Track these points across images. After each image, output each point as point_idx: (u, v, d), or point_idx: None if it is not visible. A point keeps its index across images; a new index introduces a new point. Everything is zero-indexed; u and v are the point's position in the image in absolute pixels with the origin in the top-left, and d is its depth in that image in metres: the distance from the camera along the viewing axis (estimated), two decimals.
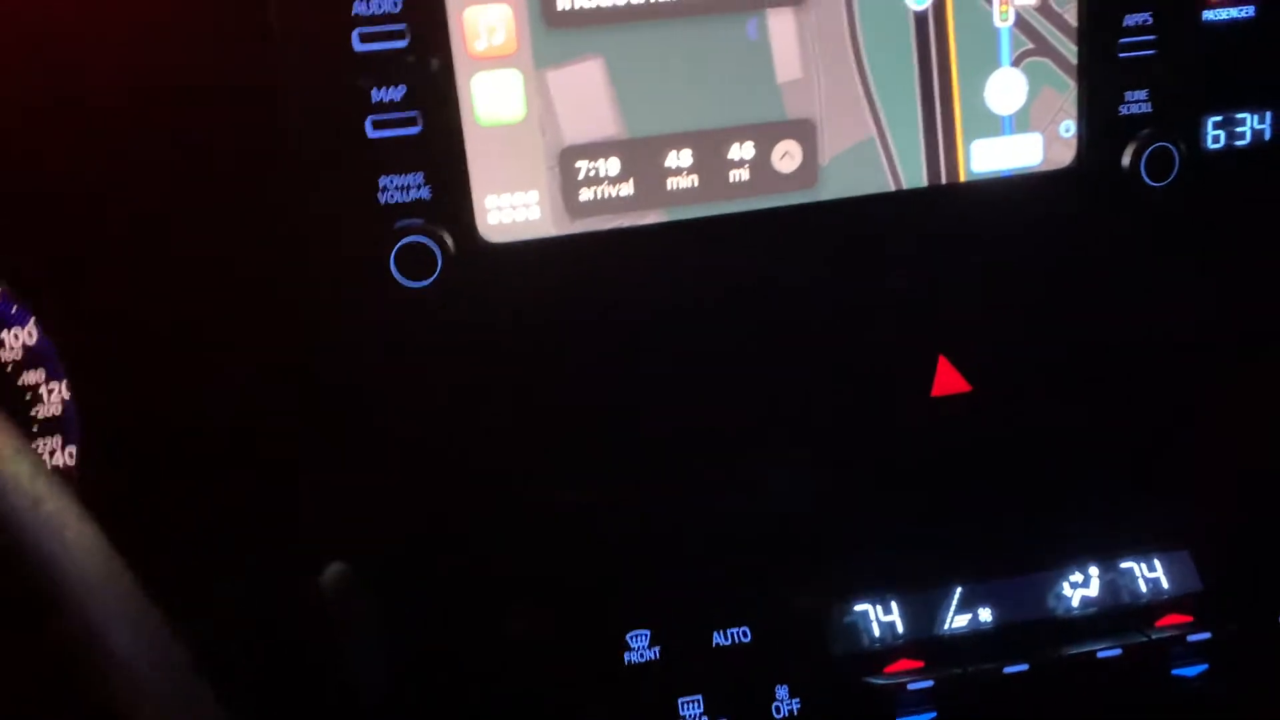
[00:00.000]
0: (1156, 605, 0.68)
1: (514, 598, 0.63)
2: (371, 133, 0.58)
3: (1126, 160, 0.65)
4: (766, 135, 0.62)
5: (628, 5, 0.59)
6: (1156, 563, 0.68)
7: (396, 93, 0.58)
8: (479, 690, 0.62)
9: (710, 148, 0.62)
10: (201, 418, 0.59)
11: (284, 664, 0.54)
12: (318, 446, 0.61)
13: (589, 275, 0.62)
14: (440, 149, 0.59)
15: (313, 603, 0.55)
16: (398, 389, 0.61)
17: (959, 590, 0.67)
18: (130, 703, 0.26)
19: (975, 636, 0.66)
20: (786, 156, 0.63)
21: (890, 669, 0.65)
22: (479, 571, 0.63)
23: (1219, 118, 0.67)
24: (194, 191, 0.60)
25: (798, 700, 0.65)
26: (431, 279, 0.58)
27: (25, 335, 0.62)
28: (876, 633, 0.66)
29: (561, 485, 0.64)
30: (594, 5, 0.59)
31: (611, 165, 0.61)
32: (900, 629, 0.66)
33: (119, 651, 0.26)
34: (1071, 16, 0.64)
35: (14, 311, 0.61)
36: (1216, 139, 0.67)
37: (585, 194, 0.61)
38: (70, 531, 0.27)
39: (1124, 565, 0.68)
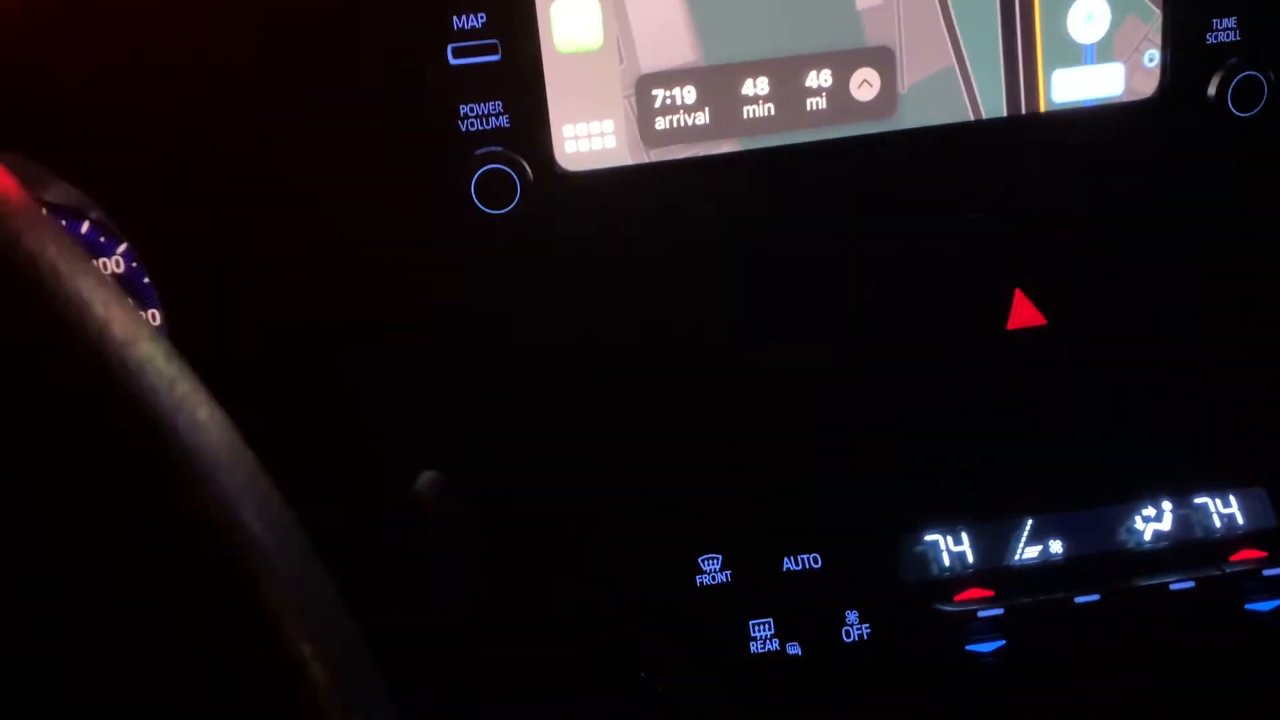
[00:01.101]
0: (1231, 541, 0.67)
1: (594, 518, 0.64)
2: (452, 60, 0.58)
3: (1213, 90, 0.64)
4: (845, 63, 0.62)
5: None
6: (1232, 498, 0.68)
7: (477, 20, 0.58)
8: (556, 603, 0.64)
9: (787, 75, 0.62)
10: (291, 336, 0.61)
11: (375, 566, 0.56)
12: (405, 365, 0.62)
13: (664, 203, 0.62)
14: (519, 77, 0.59)
15: (406, 508, 0.57)
16: (478, 312, 0.62)
17: (1030, 522, 0.67)
18: (259, 576, 0.27)
19: (1046, 567, 0.66)
20: (865, 84, 0.63)
21: (960, 597, 0.66)
22: (562, 491, 0.64)
23: None
24: (279, 120, 0.61)
25: (867, 625, 0.65)
26: (510, 206, 0.59)
27: (113, 265, 0.64)
28: (947, 562, 0.66)
29: (635, 410, 0.65)
30: None
31: (688, 93, 0.61)
32: (971, 559, 0.66)
33: (250, 527, 0.28)
34: None
35: (103, 241, 0.63)
36: None
37: (661, 122, 0.61)
38: (202, 411, 0.29)
39: (1199, 501, 0.68)
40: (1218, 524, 0.68)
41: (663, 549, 0.65)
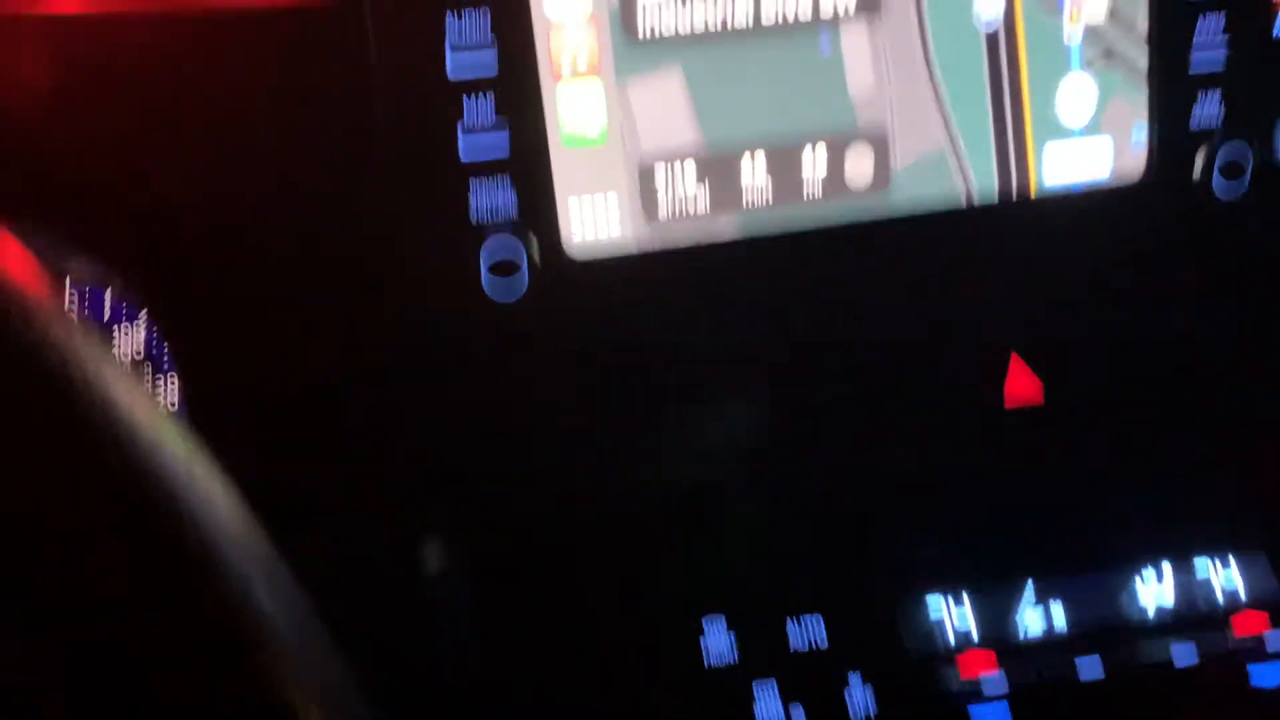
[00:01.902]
0: (1233, 608, 0.68)
1: (599, 581, 0.65)
2: (463, 152, 0.61)
3: (1198, 172, 0.66)
4: (839, 146, 0.65)
5: (705, 22, 0.62)
6: (1233, 563, 0.68)
7: (487, 108, 0.61)
8: (558, 660, 0.64)
9: (784, 158, 0.64)
10: (298, 404, 0.63)
11: (380, 637, 0.57)
12: (413, 442, 0.64)
13: (668, 284, 0.64)
14: (527, 163, 0.62)
15: (411, 580, 0.58)
16: (485, 392, 0.64)
17: (1032, 586, 0.67)
18: (265, 646, 0.29)
19: (1049, 635, 0.66)
20: (859, 166, 0.65)
21: (964, 664, 0.66)
22: (565, 557, 0.65)
23: None
24: (294, 203, 0.64)
25: (870, 688, 0.65)
26: (519, 292, 0.61)
27: (133, 331, 0.66)
28: (950, 629, 0.66)
29: (641, 474, 0.66)
30: (673, 22, 0.62)
31: (689, 175, 0.64)
32: (974, 626, 0.67)
33: (257, 599, 0.29)
34: (1142, 29, 0.65)
35: (124, 309, 0.66)
36: None
37: (663, 202, 0.64)
38: (215, 487, 0.30)
39: (1200, 565, 0.68)
40: (1219, 590, 0.68)
41: (667, 608, 0.66)
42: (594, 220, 0.63)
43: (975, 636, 0.67)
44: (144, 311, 0.65)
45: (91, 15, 0.62)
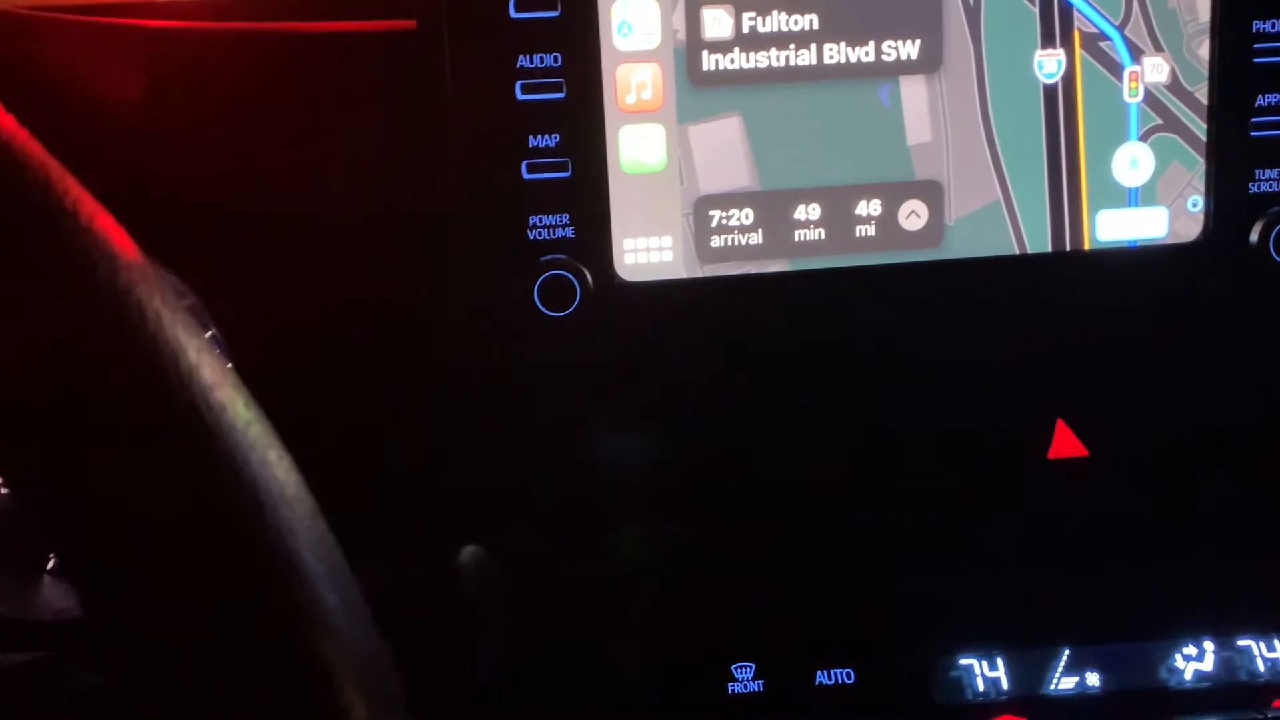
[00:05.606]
0: (1273, 686, 0.66)
1: (631, 620, 0.66)
2: (526, 175, 0.63)
3: (1255, 236, 0.66)
4: (894, 194, 0.65)
5: (767, 68, 0.64)
6: (1276, 643, 0.67)
7: (551, 139, 0.63)
8: (587, 692, 0.65)
9: (839, 203, 0.65)
10: (351, 414, 0.65)
11: (412, 633, 0.58)
12: (460, 449, 0.65)
13: (716, 315, 0.65)
14: (586, 193, 0.63)
15: (447, 581, 0.59)
16: (532, 404, 0.66)
17: (1067, 652, 0.66)
18: (310, 606, 0.30)
19: (1082, 698, 0.66)
20: (913, 215, 0.66)
21: None
22: (600, 589, 0.66)
23: None
24: (360, 223, 0.66)
25: None
26: (570, 310, 0.63)
27: None
28: (981, 687, 0.66)
29: (675, 514, 0.67)
30: (735, 66, 0.64)
31: (743, 215, 0.65)
32: (1005, 685, 0.66)
33: (303, 559, 0.30)
34: (1202, 95, 0.66)
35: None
36: None
37: (716, 241, 0.65)
38: (273, 452, 0.32)
39: (1242, 643, 0.67)
40: (1261, 668, 0.67)
41: (697, 653, 0.66)
42: (647, 246, 0.65)
43: (1006, 699, 0.66)
44: (211, 329, 0.67)
45: (186, 29, 0.66)
